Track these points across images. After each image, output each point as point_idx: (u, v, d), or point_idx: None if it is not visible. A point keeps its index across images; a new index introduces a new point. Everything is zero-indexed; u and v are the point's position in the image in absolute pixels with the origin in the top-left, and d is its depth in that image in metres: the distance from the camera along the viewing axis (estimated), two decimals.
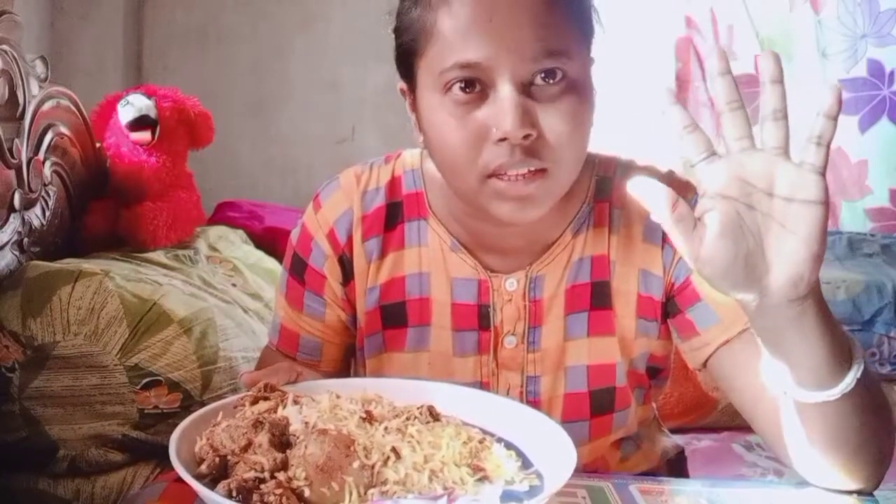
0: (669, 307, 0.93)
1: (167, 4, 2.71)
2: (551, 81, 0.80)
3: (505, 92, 0.78)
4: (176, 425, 1.44)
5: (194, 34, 2.71)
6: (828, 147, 0.65)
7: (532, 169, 0.80)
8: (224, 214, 2.31)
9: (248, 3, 2.71)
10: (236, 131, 2.63)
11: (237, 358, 1.51)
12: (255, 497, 0.60)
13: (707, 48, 2.78)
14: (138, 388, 1.39)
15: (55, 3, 2.54)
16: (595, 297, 0.93)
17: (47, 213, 1.67)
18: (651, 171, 0.94)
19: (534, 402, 0.94)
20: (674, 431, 1.26)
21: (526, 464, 0.72)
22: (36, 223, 1.63)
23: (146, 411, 1.40)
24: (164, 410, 1.41)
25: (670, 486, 0.85)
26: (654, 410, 1.13)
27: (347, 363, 1.05)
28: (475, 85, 0.80)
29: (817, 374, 0.72)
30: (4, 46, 1.53)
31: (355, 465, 0.63)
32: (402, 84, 0.90)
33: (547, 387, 0.94)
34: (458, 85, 0.80)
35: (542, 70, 0.79)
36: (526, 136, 0.78)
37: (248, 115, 2.72)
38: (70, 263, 1.52)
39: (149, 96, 1.85)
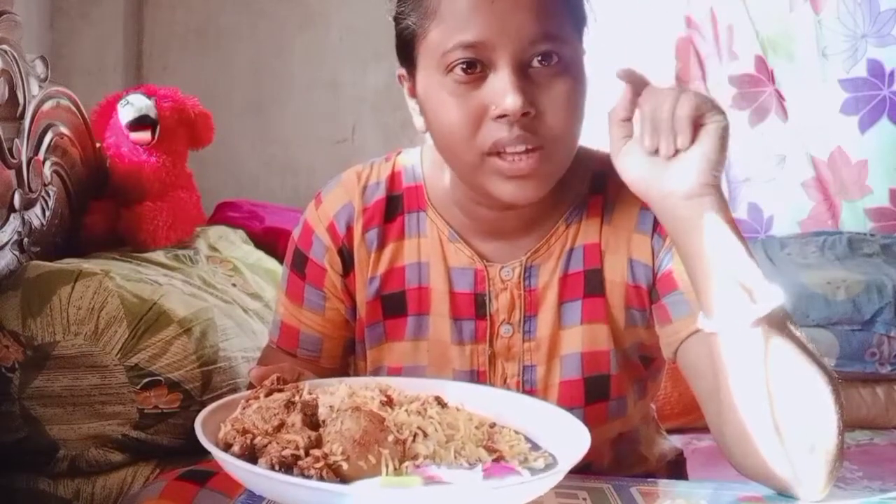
0: (652, 295, 0.96)
1: (167, 4, 2.71)
2: (547, 64, 0.84)
3: (505, 71, 0.82)
4: (176, 425, 1.45)
5: (194, 34, 2.71)
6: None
7: (529, 147, 0.83)
8: (224, 214, 2.31)
9: (247, 3, 2.71)
10: (236, 131, 2.63)
11: (237, 358, 1.51)
12: (296, 471, 0.62)
13: (707, 48, 2.78)
14: (138, 388, 1.39)
15: (55, 3, 2.54)
16: (588, 285, 0.96)
17: (47, 213, 1.67)
18: None
19: (530, 392, 0.96)
20: (674, 431, 1.26)
21: (534, 447, 0.74)
22: (36, 223, 1.63)
23: (146, 411, 1.40)
24: (164, 410, 1.41)
25: (670, 488, 0.85)
26: (653, 411, 1.14)
27: (346, 360, 1.06)
28: (476, 66, 0.83)
29: (720, 293, 0.78)
30: (4, 46, 1.53)
31: (390, 438, 0.66)
32: (400, 70, 0.93)
33: (542, 375, 0.96)
34: (459, 66, 0.83)
35: (539, 53, 0.83)
36: (525, 114, 0.82)
37: (248, 115, 2.72)
38: (70, 263, 1.52)
39: (149, 96, 1.85)
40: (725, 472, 0.89)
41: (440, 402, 0.76)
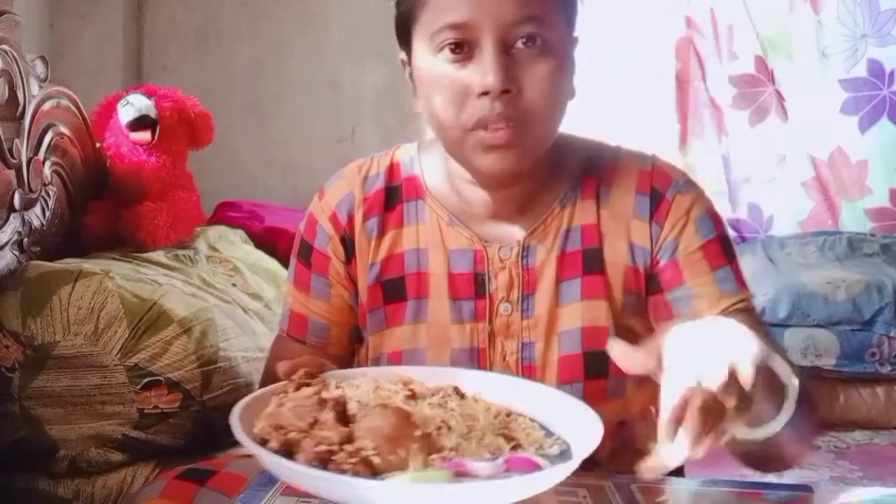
0: (652, 284, 0.97)
1: (167, 4, 2.72)
2: (531, 45, 0.88)
3: (488, 51, 0.86)
4: (175, 425, 1.45)
5: (194, 34, 2.72)
6: None
7: (510, 123, 0.87)
8: (224, 214, 2.31)
9: (247, 2, 2.72)
10: (236, 131, 2.63)
11: (237, 358, 1.51)
12: (332, 466, 0.65)
13: (707, 48, 2.79)
14: (138, 388, 1.39)
15: (55, 3, 2.54)
16: (587, 263, 0.98)
17: (47, 213, 1.67)
18: (636, 156, 1.01)
19: (529, 368, 0.98)
20: None
21: (548, 434, 0.76)
22: (36, 223, 1.63)
23: (146, 411, 1.40)
24: (164, 410, 1.41)
25: (671, 486, 0.85)
26: (653, 413, 1.14)
27: (353, 347, 1.09)
28: (463, 46, 0.88)
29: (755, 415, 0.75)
30: (4, 46, 1.53)
31: (417, 433, 0.69)
32: (401, 54, 0.97)
33: (541, 352, 0.98)
34: (448, 46, 0.88)
35: (522, 35, 0.87)
36: (506, 91, 0.86)
37: (248, 115, 2.72)
38: (70, 263, 1.52)
39: (149, 96, 1.86)
40: (726, 470, 0.89)
41: (459, 393, 0.79)
